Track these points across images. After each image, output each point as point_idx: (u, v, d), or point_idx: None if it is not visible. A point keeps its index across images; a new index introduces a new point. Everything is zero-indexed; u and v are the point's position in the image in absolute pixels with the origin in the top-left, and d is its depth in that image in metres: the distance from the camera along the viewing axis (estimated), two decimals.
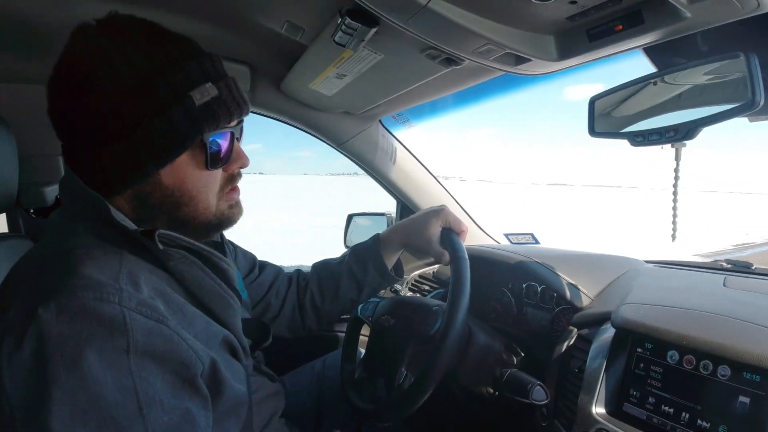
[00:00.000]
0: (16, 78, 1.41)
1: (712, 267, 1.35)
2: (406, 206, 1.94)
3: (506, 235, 1.85)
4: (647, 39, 0.81)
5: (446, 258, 1.09)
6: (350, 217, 2.03)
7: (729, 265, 1.33)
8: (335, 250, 1.56)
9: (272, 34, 1.15)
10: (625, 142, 0.96)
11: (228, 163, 0.79)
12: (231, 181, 0.82)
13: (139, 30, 0.71)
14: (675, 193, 0.93)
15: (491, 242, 1.91)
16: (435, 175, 1.87)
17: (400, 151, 1.80)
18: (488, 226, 1.92)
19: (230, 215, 0.83)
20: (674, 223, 0.97)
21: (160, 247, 0.68)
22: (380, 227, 1.92)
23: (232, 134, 0.78)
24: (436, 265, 1.91)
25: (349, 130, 1.70)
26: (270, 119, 1.66)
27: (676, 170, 0.91)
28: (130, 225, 0.69)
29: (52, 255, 0.68)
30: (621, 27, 0.77)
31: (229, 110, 0.74)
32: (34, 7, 1.10)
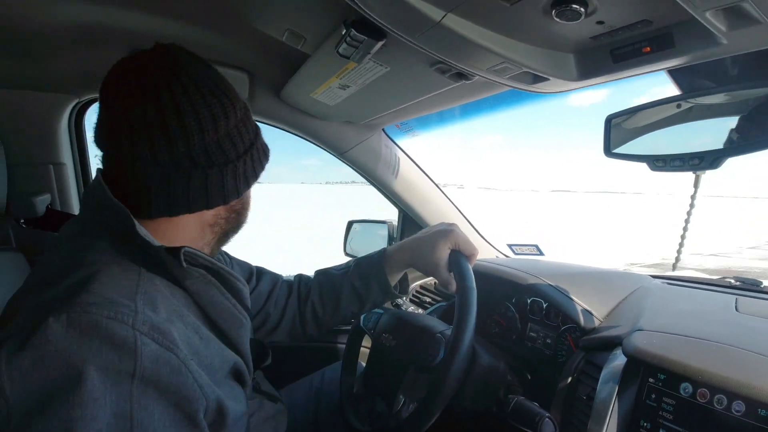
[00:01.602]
0: (3, 84, 1.36)
1: (721, 285, 1.32)
2: (408, 216, 1.89)
3: (510, 246, 1.81)
4: (675, 62, 0.76)
5: (453, 286, 1.03)
6: (350, 224, 1.99)
7: (738, 283, 1.31)
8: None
9: (272, 41, 1.10)
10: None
11: None
12: None
13: (221, 77, 0.78)
14: (687, 221, 0.89)
15: (495, 253, 1.87)
16: (437, 184, 1.81)
17: (404, 161, 1.75)
18: (490, 236, 1.87)
19: None
20: (679, 250, 0.94)
21: (184, 265, 0.69)
22: (381, 234, 1.88)
23: None
24: None
25: (351, 139, 1.65)
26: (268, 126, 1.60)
27: (693, 197, 0.87)
28: (154, 241, 0.69)
29: (68, 269, 0.65)
30: (649, 49, 0.73)
31: None
32: (23, 11, 1.05)
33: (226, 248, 1.05)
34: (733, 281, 1.32)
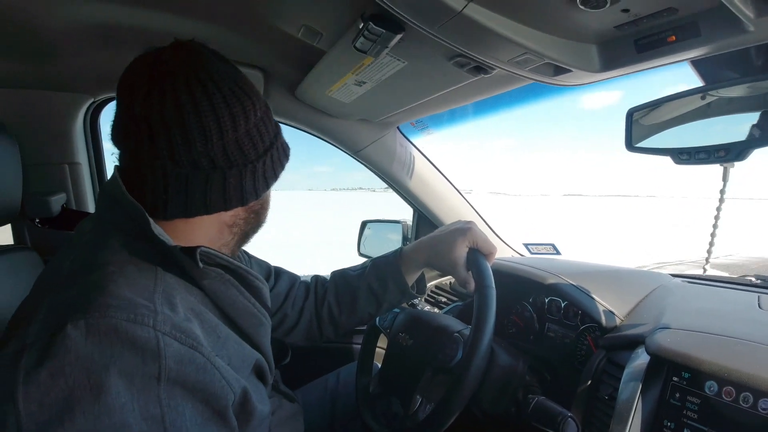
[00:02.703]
0: (18, 83, 1.37)
1: (742, 283, 1.29)
2: (423, 215, 1.88)
3: (526, 245, 1.80)
4: (700, 51, 0.74)
5: (471, 285, 1.02)
6: (364, 224, 1.98)
7: (759, 281, 1.28)
8: None
9: (288, 38, 1.09)
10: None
11: None
12: None
13: (240, 75, 0.76)
14: (717, 218, 0.87)
15: (511, 252, 1.85)
16: (454, 184, 1.80)
17: (419, 159, 1.74)
18: (507, 236, 1.86)
19: None
20: (710, 249, 0.91)
21: (201, 265, 0.67)
22: (395, 235, 1.87)
23: None
24: None
25: (366, 138, 1.65)
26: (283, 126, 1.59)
27: (722, 191, 0.85)
28: (169, 240, 0.68)
29: (82, 269, 0.64)
30: (674, 38, 0.72)
31: None
32: (37, 11, 1.05)
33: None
34: (754, 279, 1.29)
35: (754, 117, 0.81)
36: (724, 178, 0.83)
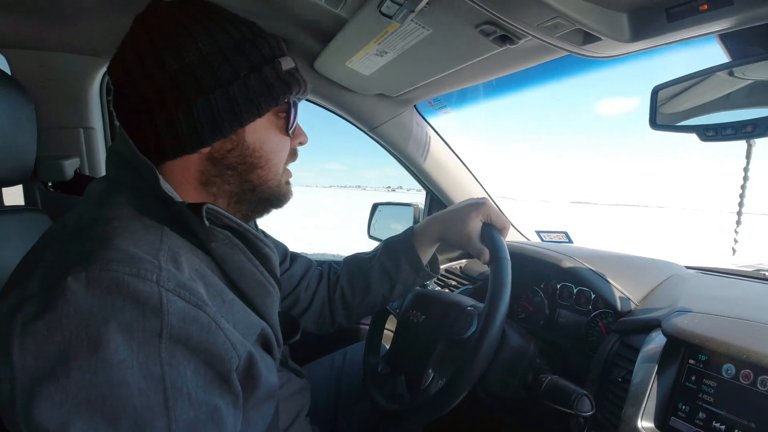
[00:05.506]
0: (37, 44, 1.36)
1: (756, 277, 1.29)
2: (435, 197, 1.88)
3: (538, 233, 1.78)
4: (731, 22, 0.73)
5: (486, 256, 1.02)
6: (375, 207, 1.98)
7: None
8: None
9: (310, 5, 1.07)
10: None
11: (294, 136, 0.82)
12: (291, 156, 0.84)
13: (220, 8, 0.73)
14: (742, 196, 0.86)
15: (522, 239, 1.84)
16: (469, 167, 1.80)
17: (434, 140, 1.73)
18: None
19: (286, 191, 0.84)
20: (736, 232, 0.90)
21: (206, 223, 0.65)
22: (406, 218, 1.87)
23: (297, 107, 0.80)
24: (464, 261, 1.86)
25: (383, 114, 1.63)
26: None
27: (746, 169, 0.83)
28: (177, 197, 0.66)
29: (87, 224, 0.63)
30: (706, 6, 0.70)
31: (302, 81, 0.78)
32: None
33: None
34: None
35: None
36: (748, 156, 0.82)
